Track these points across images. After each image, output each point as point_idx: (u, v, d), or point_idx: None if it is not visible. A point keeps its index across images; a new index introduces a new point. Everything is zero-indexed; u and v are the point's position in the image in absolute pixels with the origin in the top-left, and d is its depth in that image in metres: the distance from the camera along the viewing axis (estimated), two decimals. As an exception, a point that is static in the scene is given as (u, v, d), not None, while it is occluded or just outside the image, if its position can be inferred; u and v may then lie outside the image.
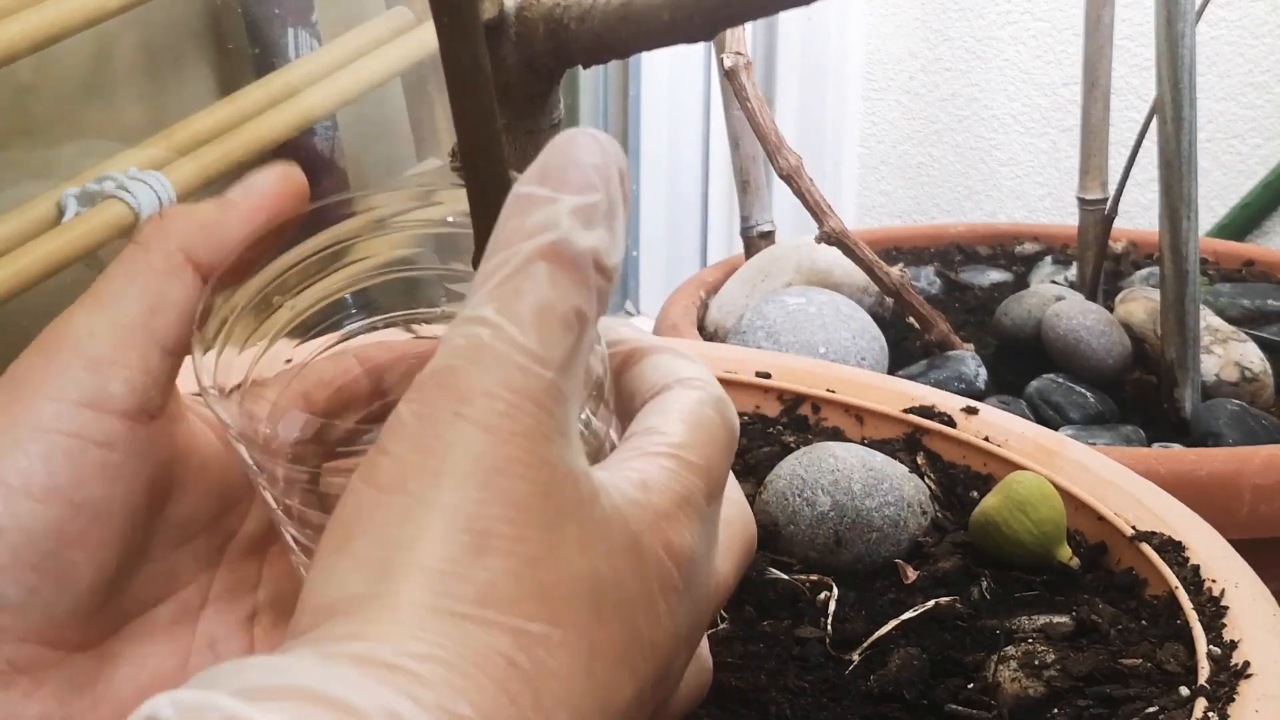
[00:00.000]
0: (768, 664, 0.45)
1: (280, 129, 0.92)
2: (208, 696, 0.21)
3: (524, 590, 0.25)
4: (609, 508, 0.28)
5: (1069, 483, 0.53)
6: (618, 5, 0.35)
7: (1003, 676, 0.43)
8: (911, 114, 1.55)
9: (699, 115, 1.49)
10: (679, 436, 0.31)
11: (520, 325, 0.26)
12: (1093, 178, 0.98)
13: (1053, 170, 1.48)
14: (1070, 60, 1.40)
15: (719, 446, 0.31)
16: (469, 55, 0.29)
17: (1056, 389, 0.86)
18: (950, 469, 0.58)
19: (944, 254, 1.17)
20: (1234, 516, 0.69)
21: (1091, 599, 0.48)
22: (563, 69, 0.38)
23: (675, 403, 0.32)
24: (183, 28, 0.99)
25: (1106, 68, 0.97)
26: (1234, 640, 0.42)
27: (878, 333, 0.88)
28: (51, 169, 0.87)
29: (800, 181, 0.93)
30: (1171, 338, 0.82)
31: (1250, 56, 1.34)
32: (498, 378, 0.26)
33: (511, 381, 0.26)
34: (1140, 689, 0.42)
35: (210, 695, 0.21)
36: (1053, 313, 0.90)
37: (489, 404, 0.26)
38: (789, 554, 0.53)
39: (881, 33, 1.54)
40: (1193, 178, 0.79)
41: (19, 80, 0.87)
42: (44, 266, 0.79)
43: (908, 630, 0.47)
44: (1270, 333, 0.96)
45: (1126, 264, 1.11)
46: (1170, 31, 0.77)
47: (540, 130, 0.39)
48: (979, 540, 0.52)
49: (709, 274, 1.06)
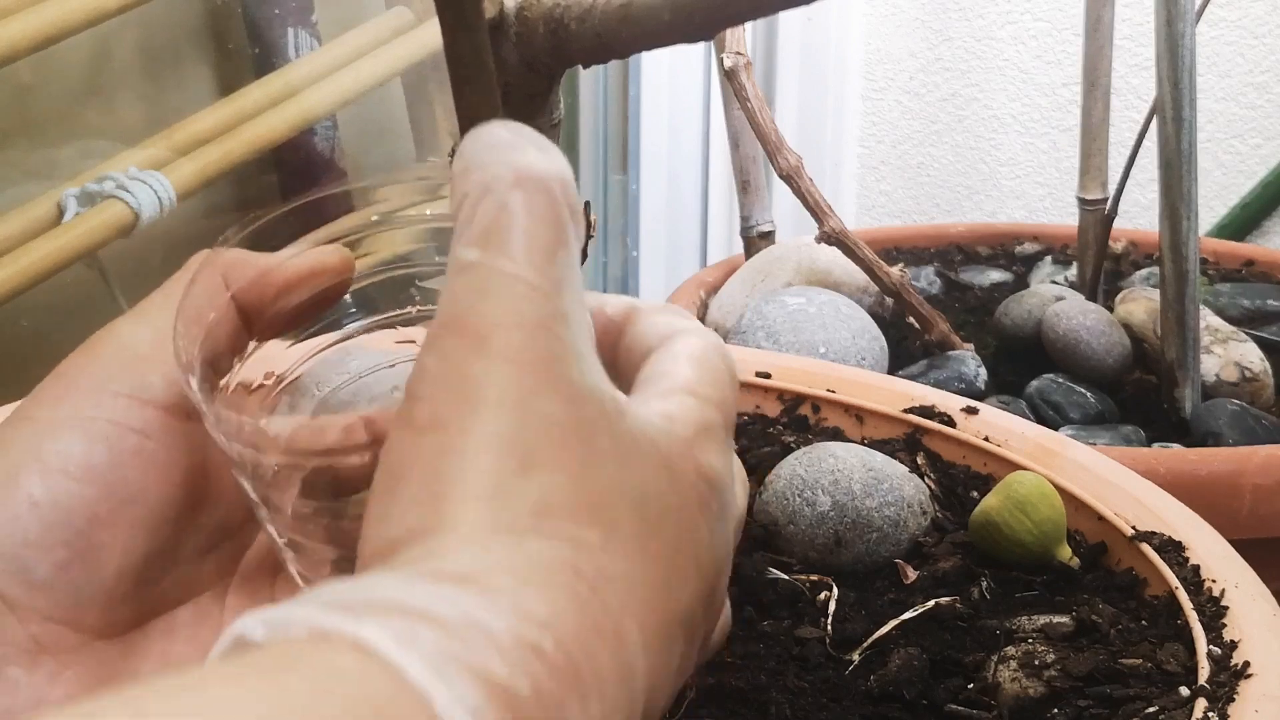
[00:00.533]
0: (768, 664, 0.45)
1: (280, 129, 0.92)
2: (294, 610, 0.22)
3: (575, 501, 0.26)
4: (637, 426, 0.29)
5: (1069, 483, 0.53)
6: (618, 5, 0.35)
7: (1003, 676, 0.43)
8: (911, 114, 1.55)
9: (699, 115, 1.49)
10: (690, 376, 0.32)
11: (511, 257, 0.27)
12: (1093, 178, 0.98)
13: (1053, 170, 1.48)
14: (1070, 60, 1.40)
15: (727, 386, 0.33)
16: (472, 50, 0.29)
17: (1056, 389, 0.86)
18: (950, 469, 0.58)
19: (944, 254, 1.17)
20: (1234, 516, 0.69)
21: (1091, 599, 0.48)
22: (563, 69, 0.38)
23: (681, 349, 0.33)
24: (183, 28, 0.99)
25: (1106, 68, 0.97)
26: (1234, 640, 0.42)
27: (878, 333, 0.88)
28: (51, 169, 0.87)
29: (800, 181, 0.93)
30: (1171, 338, 0.82)
31: (1250, 56, 1.34)
32: (504, 311, 0.27)
33: (519, 313, 0.27)
34: (1140, 689, 0.42)
35: (297, 609, 0.22)
36: (1053, 313, 0.90)
37: (503, 337, 0.27)
38: (789, 554, 0.53)
39: (881, 33, 1.54)
40: (1193, 178, 0.79)
41: (19, 80, 0.87)
42: (44, 266, 0.79)
43: (908, 630, 0.47)
44: (1270, 333, 0.96)
45: (1126, 264, 1.11)
46: (1170, 31, 0.77)
47: (540, 130, 0.39)
48: (979, 540, 0.52)
49: (709, 274, 1.06)
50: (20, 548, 0.31)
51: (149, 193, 0.83)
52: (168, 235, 0.87)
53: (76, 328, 0.35)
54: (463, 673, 0.22)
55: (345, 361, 0.38)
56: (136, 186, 0.83)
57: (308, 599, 0.23)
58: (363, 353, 0.38)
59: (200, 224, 0.95)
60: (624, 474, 0.28)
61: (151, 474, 0.33)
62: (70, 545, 0.31)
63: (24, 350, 0.87)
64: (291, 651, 0.22)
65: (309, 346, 0.37)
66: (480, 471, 0.26)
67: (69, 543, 0.31)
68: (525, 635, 0.24)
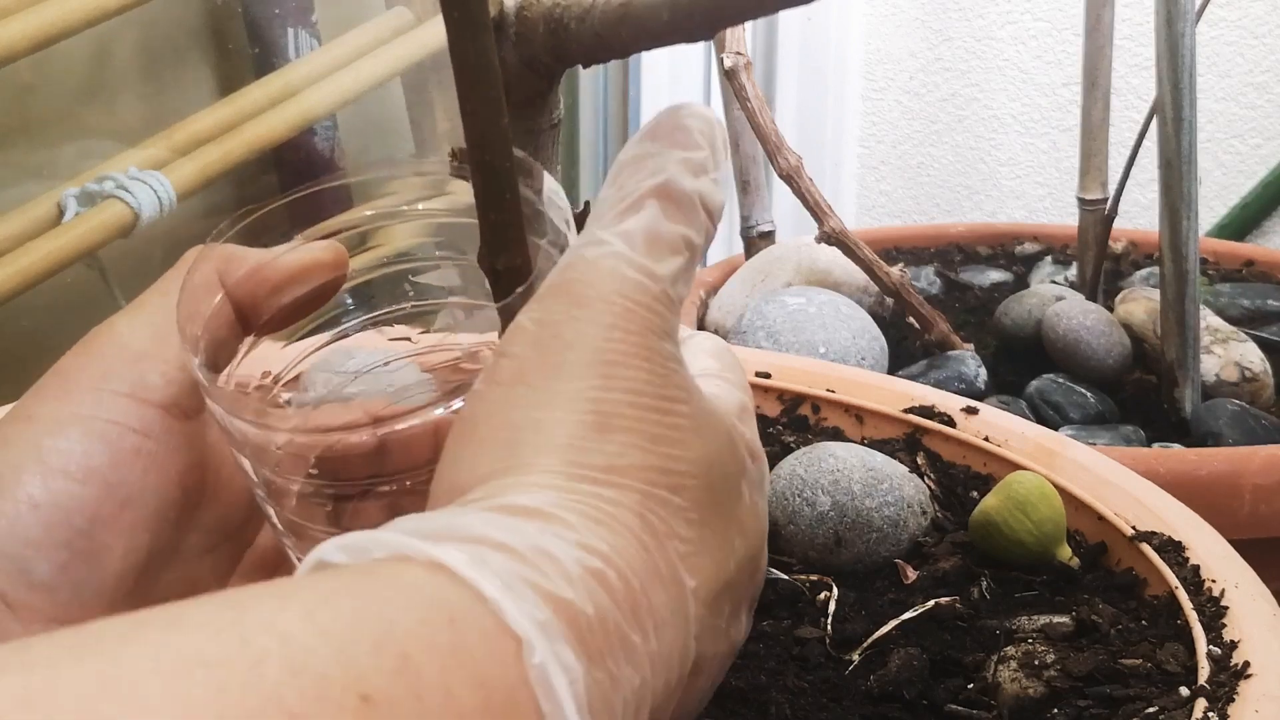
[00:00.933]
0: (768, 664, 0.45)
1: (280, 129, 0.92)
2: (373, 535, 0.24)
3: (649, 462, 0.27)
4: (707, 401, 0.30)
5: (1069, 483, 0.53)
6: (617, 5, 0.35)
7: (1003, 676, 0.43)
8: (911, 114, 1.55)
9: (699, 115, 1.49)
10: (715, 366, 0.34)
11: (632, 244, 0.29)
12: (1093, 178, 0.98)
13: (1053, 170, 1.48)
14: (1070, 60, 1.40)
15: (744, 376, 0.35)
16: (477, 49, 0.29)
17: (1056, 389, 0.86)
18: (950, 469, 0.58)
19: (944, 254, 1.17)
20: (1234, 516, 0.69)
21: (1091, 599, 0.48)
22: (562, 69, 0.38)
23: (698, 347, 0.35)
24: (183, 28, 0.99)
25: (1106, 68, 0.97)
26: (1234, 640, 0.42)
27: (878, 333, 0.88)
28: (51, 169, 0.87)
29: (800, 181, 0.93)
30: (1171, 338, 0.82)
31: (1250, 56, 1.34)
32: (612, 285, 0.28)
33: (625, 288, 0.28)
34: (1140, 689, 0.42)
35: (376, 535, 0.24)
36: (1053, 313, 0.90)
37: (605, 305, 0.28)
38: (789, 554, 0.53)
39: (881, 33, 1.54)
40: (1193, 178, 0.79)
41: (19, 80, 0.87)
42: (44, 266, 0.79)
43: (908, 630, 0.47)
44: (1270, 333, 0.96)
45: (1126, 264, 1.10)
46: (1170, 31, 0.77)
47: (540, 130, 0.39)
48: (979, 540, 0.52)
49: (709, 274, 1.06)
50: (21, 548, 0.31)
51: (149, 193, 0.83)
52: (168, 235, 0.87)
53: (76, 328, 0.35)
54: (531, 590, 0.23)
55: (342, 361, 0.38)
56: (136, 186, 0.83)
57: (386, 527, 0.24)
58: (360, 352, 0.38)
59: (200, 224, 0.95)
60: (698, 443, 0.29)
61: (152, 474, 0.33)
62: (71, 546, 0.32)
63: (24, 350, 0.87)
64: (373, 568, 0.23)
65: (305, 346, 0.37)
66: (558, 425, 0.27)
67: (70, 543, 0.32)
68: (590, 564, 0.25)
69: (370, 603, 0.22)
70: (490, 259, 0.32)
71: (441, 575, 0.23)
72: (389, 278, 0.37)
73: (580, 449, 0.27)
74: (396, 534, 0.24)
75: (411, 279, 0.37)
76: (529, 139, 0.39)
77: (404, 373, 0.39)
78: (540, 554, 0.24)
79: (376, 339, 0.38)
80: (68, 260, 0.81)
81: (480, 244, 0.32)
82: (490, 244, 0.31)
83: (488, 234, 0.31)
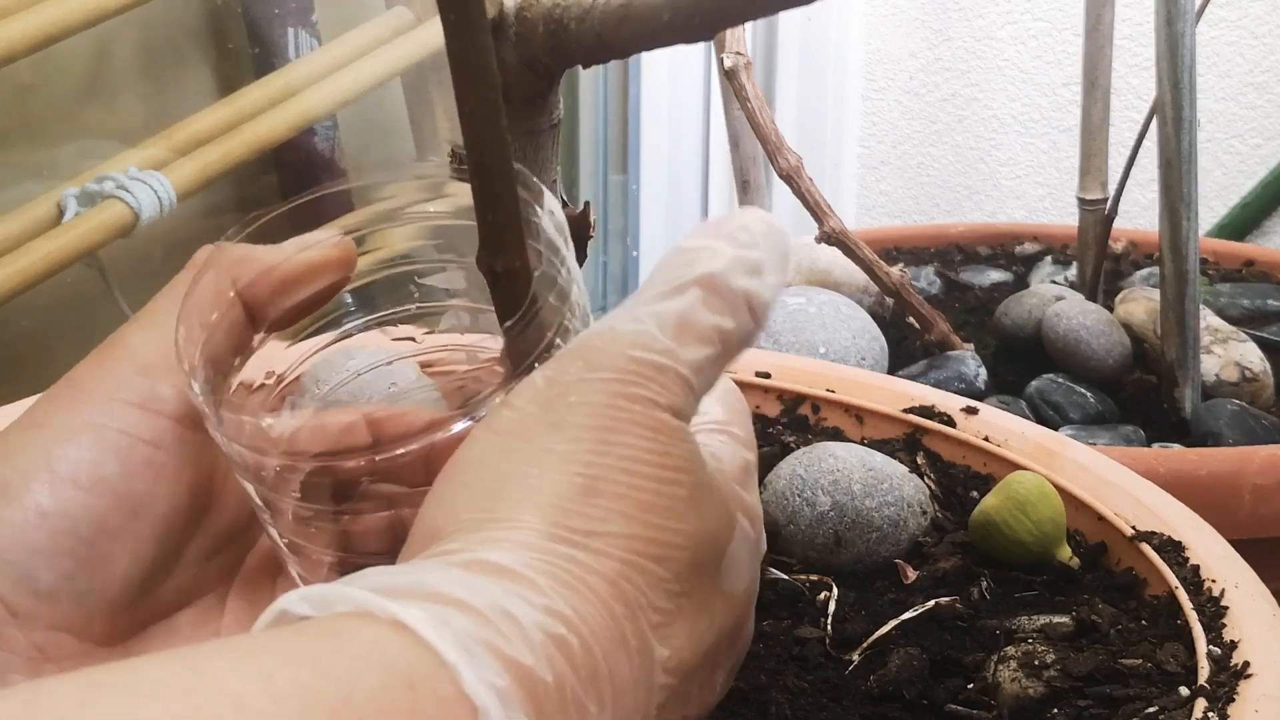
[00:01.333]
0: (768, 664, 0.45)
1: (280, 129, 0.92)
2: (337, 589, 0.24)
3: (633, 530, 0.27)
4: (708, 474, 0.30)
5: (1069, 483, 0.53)
6: (617, 5, 0.35)
7: (1003, 676, 0.43)
8: (911, 114, 1.55)
9: (699, 115, 1.49)
10: (723, 417, 0.34)
11: (663, 326, 0.29)
12: (1093, 178, 0.98)
13: (1053, 170, 1.48)
14: (1070, 60, 1.40)
15: (750, 424, 0.35)
16: (475, 50, 0.29)
17: (1056, 389, 0.86)
18: (950, 469, 0.58)
19: (944, 254, 1.16)
20: (1234, 516, 0.68)
21: (1091, 599, 0.48)
22: (562, 69, 0.38)
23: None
24: (183, 28, 0.99)
25: (1106, 68, 0.97)
26: (1234, 640, 0.42)
27: (878, 333, 0.88)
28: (51, 169, 0.87)
29: (800, 181, 0.93)
30: (1171, 338, 0.82)
31: (1250, 56, 1.34)
32: (628, 356, 0.28)
33: (640, 358, 0.28)
34: (1140, 689, 0.42)
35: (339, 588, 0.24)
36: (1053, 313, 0.90)
37: (615, 374, 0.28)
38: (789, 554, 0.53)
39: (881, 33, 1.54)
40: (1193, 178, 0.79)
41: (19, 80, 0.87)
42: (44, 266, 0.79)
43: (908, 630, 0.47)
44: (1270, 333, 0.96)
45: (1126, 264, 1.10)
46: (1170, 31, 0.77)
47: (540, 130, 0.39)
48: (979, 540, 0.52)
49: (709, 274, 1.06)
50: (27, 557, 0.31)
51: (149, 193, 0.83)
52: (168, 235, 0.87)
53: (76, 328, 0.35)
54: (491, 654, 0.23)
55: (345, 360, 0.38)
56: (136, 186, 0.83)
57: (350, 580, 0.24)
58: (362, 351, 0.38)
59: (200, 224, 0.95)
60: (693, 518, 0.29)
61: (161, 485, 0.33)
62: (77, 555, 0.32)
63: (24, 350, 0.87)
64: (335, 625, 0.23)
65: (309, 346, 0.37)
66: (546, 482, 0.27)
67: (76, 553, 0.32)
68: (553, 630, 0.24)
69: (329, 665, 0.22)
70: (489, 260, 0.32)
71: (404, 635, 0.23)
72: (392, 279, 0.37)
73: (563, 509, 0.27)
74: (360, 589, 0.24)
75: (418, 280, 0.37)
76: (529, 139, 0.39)
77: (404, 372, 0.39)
78: (504, 616, 0.24)
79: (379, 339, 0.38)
80: (68, 260, 0.81)
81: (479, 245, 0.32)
82: (489, 245, 0.31)
83: (486, 235, 0.31)
